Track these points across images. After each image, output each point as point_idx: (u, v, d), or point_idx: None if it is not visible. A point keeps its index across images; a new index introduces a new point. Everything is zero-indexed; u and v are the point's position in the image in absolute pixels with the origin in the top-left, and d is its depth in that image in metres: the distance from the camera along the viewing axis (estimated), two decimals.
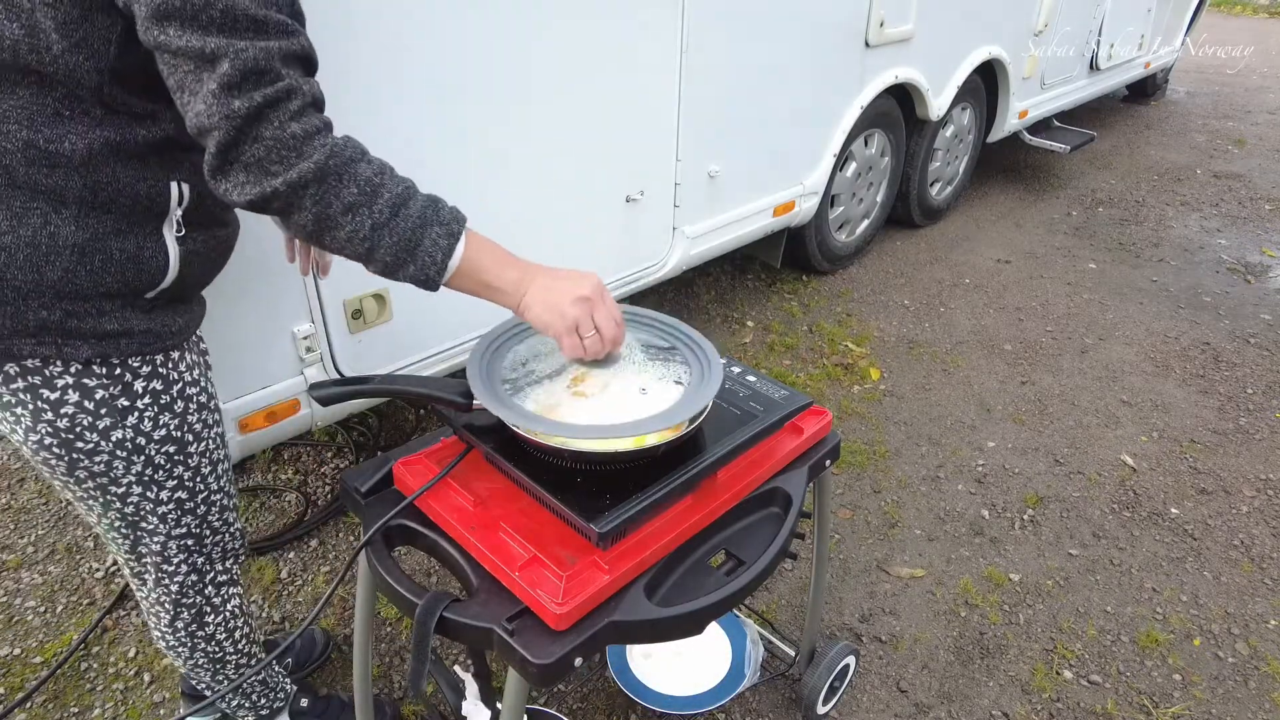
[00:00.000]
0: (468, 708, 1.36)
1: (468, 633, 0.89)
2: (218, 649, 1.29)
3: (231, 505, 1.21)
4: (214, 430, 1.12)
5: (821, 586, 1.51)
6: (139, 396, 0.98)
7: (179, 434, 1.05)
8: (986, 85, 3.81)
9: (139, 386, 0.98)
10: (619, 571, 0.92)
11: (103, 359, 0.94)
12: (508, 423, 0.95)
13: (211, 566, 1.21)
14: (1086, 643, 1.84)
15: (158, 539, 1.12)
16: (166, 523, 1.10)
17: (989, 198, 4.44)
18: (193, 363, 1.06)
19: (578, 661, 0.87)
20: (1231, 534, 2.17)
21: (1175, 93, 6.77)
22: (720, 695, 1.53)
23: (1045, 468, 2.40)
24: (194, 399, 1.06)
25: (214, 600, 1.24)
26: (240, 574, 1.30)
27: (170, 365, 1.02)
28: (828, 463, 1.21)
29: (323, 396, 1.00)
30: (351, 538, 2.07)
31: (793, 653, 1.66)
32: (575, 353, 0.98)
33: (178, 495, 1.09)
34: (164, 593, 1.19)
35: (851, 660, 1.65)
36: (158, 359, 1.00)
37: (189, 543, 1.15)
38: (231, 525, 1.22)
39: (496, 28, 1.71)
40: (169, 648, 1.27)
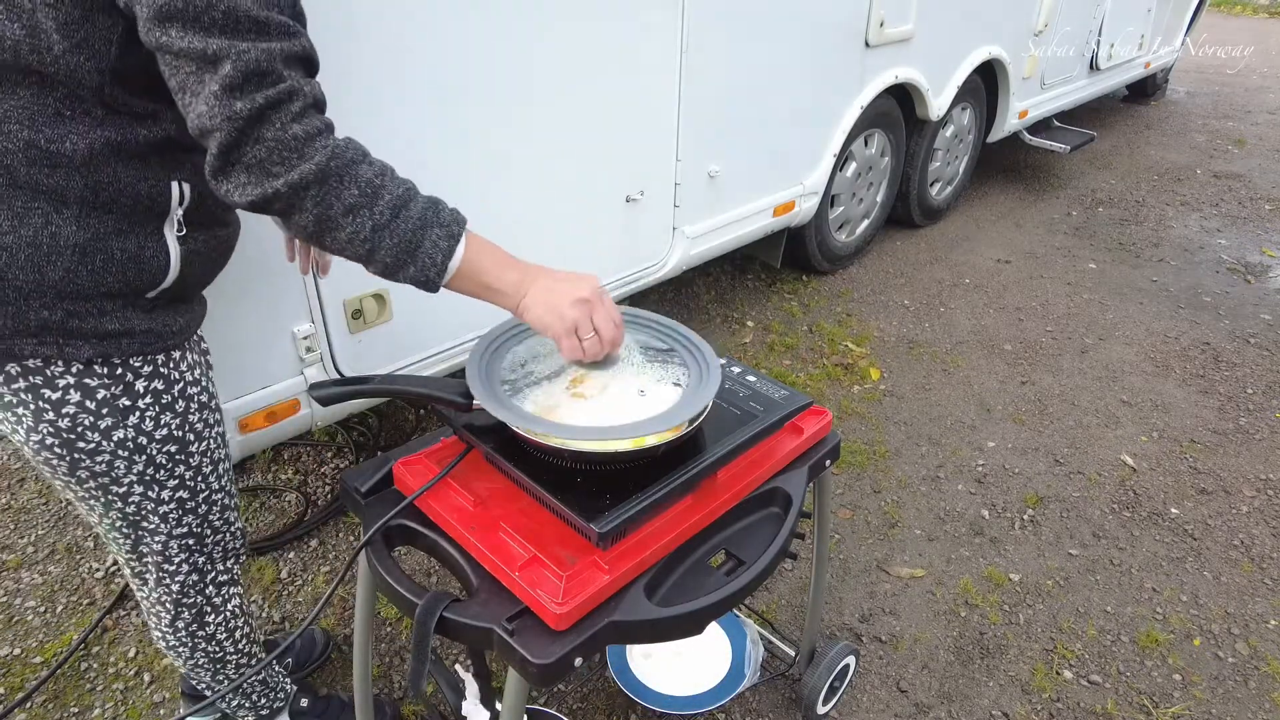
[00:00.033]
0: (468, 708, 1.36)
1: (468, 633, 0.89)
2: (218, 649, 1.29)
3: (232, 505, 1.21)
4: (215, 430, 1.13)
5: (821, 586, 1.51)
6: (140, 396, 0.99)
7: (180, 433, 1.05)
8: (986, 85, 3.81)
9: (140, 386, 0.98)
10: (619, 571, 0.92)
11: (104, 359, 0.94)
12: (508, 424, 0.95)
13: (212, 566, 1.21)
14: (1086, 643, 1.84)
15: (159, 538, 1.12)
16: (168, 522, 1.11)
17: (989, 198, 4.44)
18: (194, 362, 1.06)
19: (578, 661, 0.88)
20: (1231, 534, 2.17)
21: (1175, 93, 6.76)
22: (720, 695, 1.53)
23: (1045, 468, 2.40)
24: (195, 398, 1.06)
25: (214, 600, 1.24)
26: (241, 574, 1.30)
27: (171, 365, 1.02)
28: (828, 463, 1.21)
29: (323, 396, 1.00)
30: (351, 538, 2.07)
31: (793, 653, 1.66)
32: (574, 354, 0.98)
33: (179, 495, 1.09)
34: (165, 592, 1.19)
35: (851, 660, 1.65)
36: (159, 359, 1.00)
37: (190, 542, 1.15)
38: (232, 525, 1.22)
39: (498, 29, 1.71)
40: (169, 648, 1.27)
